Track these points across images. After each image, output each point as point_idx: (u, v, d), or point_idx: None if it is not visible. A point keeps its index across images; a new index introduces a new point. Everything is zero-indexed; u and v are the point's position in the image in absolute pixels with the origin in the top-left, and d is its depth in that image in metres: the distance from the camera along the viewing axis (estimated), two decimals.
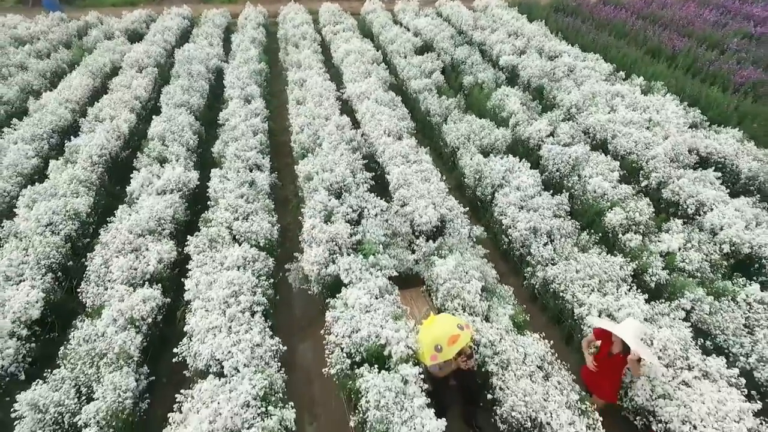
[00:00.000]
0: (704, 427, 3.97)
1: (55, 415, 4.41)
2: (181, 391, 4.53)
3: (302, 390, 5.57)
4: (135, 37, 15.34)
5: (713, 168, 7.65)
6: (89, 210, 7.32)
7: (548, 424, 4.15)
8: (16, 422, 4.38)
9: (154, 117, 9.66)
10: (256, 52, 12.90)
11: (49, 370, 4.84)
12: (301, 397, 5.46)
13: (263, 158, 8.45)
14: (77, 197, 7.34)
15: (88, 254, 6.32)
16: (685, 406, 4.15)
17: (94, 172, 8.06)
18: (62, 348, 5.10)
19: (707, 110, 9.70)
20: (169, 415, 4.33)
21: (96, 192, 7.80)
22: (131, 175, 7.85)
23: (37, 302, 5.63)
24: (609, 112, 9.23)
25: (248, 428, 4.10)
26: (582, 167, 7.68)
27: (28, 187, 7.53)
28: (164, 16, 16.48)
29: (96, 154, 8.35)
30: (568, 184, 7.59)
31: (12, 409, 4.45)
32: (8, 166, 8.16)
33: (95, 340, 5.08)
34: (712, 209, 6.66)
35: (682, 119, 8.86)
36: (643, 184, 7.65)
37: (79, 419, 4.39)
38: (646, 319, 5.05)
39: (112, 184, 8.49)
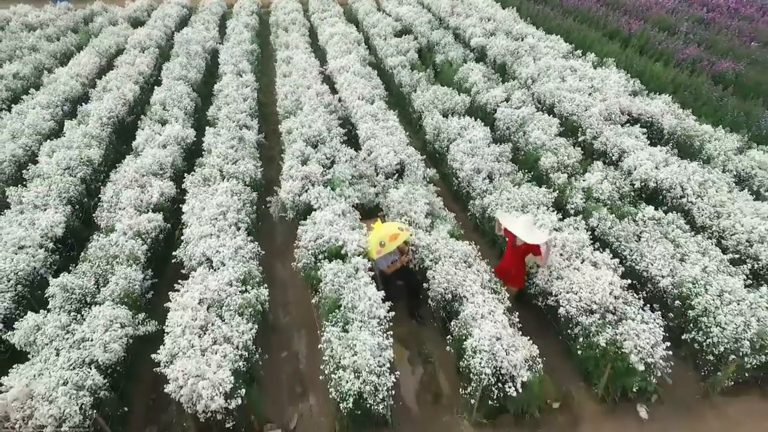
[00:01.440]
0: (580, 288, 5.17)
1: (79, 295, 5.59)
2: (179, 281, 5.71)
3: (278, 295, 6.75)
4: (137, 23, 16.53)
5: (639, 125, 8.84)
6: (100, 159, 8.51)
7: (464, 297, 5.33)
8: (50, 300, 5.54)
9: (155, 88, 10.87)
10: (248, 35, 14.11)
11: (73, 255, 6.04)
12: (276, 299, 6.65)
13: (251, 120, 9.64)
14: (90, 149, 8.53)
15: (101, 188, 7.51)
16: (570, 282, 5.34)
17: (103, 130, 9.25)
18: (82, 254, 6.29)
19: (649, 82, 10.89)
20: (169, 293, 5.51)
21: (105, 147, 8.98)
22: (136, 134, 9.04)
23: (60, 223, 6.80)
24: (560, 82, 10.41)
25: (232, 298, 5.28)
26: (527, 125, 8.87)
27: (47, 141, 8.72)
28: (164, 4, 17.68)
29: (105, 116, 9.53)
30: (515, 138, 8.79)
31: (45, 293, 5.63)
32: (28, 126, 9.33)
33: (109, 247, 6.26)
34: (630, 155, 7.85)
35: (622, 88, 10.04)
36: (580, 139, 8.85)
37: (98, 298, 5.57)
38: (555, 229, 6.24)
39: (119, 143, 9.66)
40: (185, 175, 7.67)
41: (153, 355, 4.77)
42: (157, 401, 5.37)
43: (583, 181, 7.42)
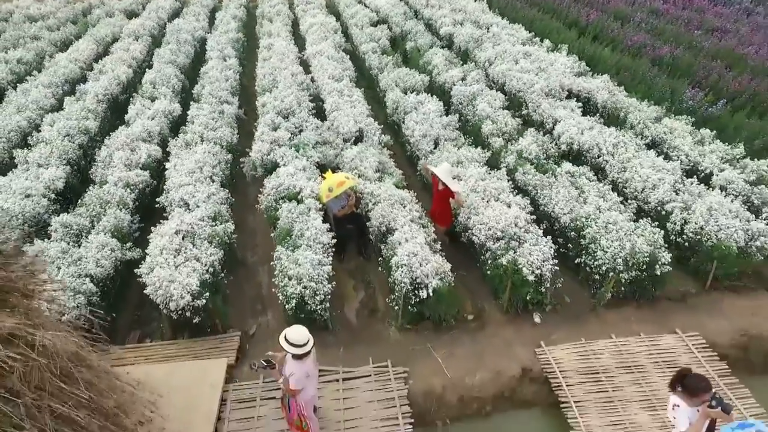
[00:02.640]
0: (489, 220, 6.27)
1: (76, 230, 6.69)
2: (161, 221, 6.80)
3: (248, 240, 7.85)
4: (132, 15, 17.63)
5: (576, 99, 9.94)
6: (96, 129, 9.62)
7: (395, 229, 6.42)
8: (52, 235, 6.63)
9: (147, 70, 11.97)
10: (235, 25, 15.23)
11: (72, 207, 7.15)
12: (245, 243, 7.75)
13: (232, 97, 10.74)
14: (87, 121, 9.63)
15: (96, 151, 8.62)
16: (484, 216, 6.44)
17: (99, 105, 10.35)
18: (79, 201, 7.39)
19: (597, 65, 11.97)
20: (152, 227, 6.61)
21: (101, 120, 10.08)
22: (128, 108, 10.14)
23: (60, 178, 7.90)
24: (513, 65, 11.49)
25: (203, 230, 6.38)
26: (476, 99, 9.96)
27: (48, 114, 9.82)
28: None
29: (101, 94, 10.64)
30: (465, 111, 9.89)
31: (48, 229, 6.73)
32: (32, 102, 10.43)
33: (102, 195, 7.35)
34: (560, 123, 8.95)
35: (568, 69, 11.13)
36: (523, 112, 9.95)
37: (92, 232, 6.67)
38: (482, 179, 7.32)
39: (113, 118, 10.75)
40: (170, 140, 8.78)
41: (136, 270, 5.88)
42: (141, 316, 6.48)
43: (517, 144, 8.52)
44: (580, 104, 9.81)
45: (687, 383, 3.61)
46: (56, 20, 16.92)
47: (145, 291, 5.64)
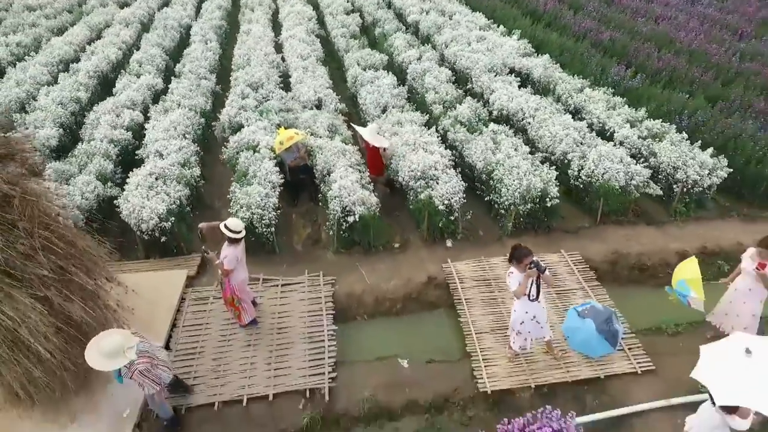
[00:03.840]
0: (411, 163, 7.48)
1: (67, 175, 7.90)
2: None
3: (215, 190, 9.04)
4: (124, 5, 18.78)
5: (516, 75, 11.17)
6: (86, 100, 10.83)
7: (333, 171, 7.63)
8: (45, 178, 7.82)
9: (134, 52, 13.18)
10: (219, 14, 16.43)
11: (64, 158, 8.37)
12: (213, 192, 8.95)
13: (210, 74, 11.95)
14: (78, 92, 10.84)
15: (86, 116, 9.83)
16: (409, 161, 7.65)
17: (90, 80, 11.56)
18: (69, 154, 8.60)
19: (544, 47, 13.17)
20: (134, 169, 7.81)
21: (91, 92, 11.29)
22: (116, 82, 11.35)
23: (54, 137, 9.11)
24: (466, 46, 12.70)
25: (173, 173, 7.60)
26: (426, 74, 11.17)
27: (44, 87, 11.03)
28: None
29: (91, 71, 11.85)
30: (416, 84, 11.11)
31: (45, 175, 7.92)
32: (30, 77, 11.63)
33: (89, 149, 8.56)
34: (495, 93, 10.17)
35: (515, 50, 12.35)
36: (468, 86, 11.17)
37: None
38: (414, 135, 8.52)
39: (103, 93, 11.95)
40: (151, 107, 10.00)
41: (115, 201, 7.09)
42: (124, 244, 7.69)
43: (455, 111, 9.73)
44: (519, 79, 11.04)
45: (515, 253, 4.84)
46: (53, 9, 18.11)
47: (121, 216, 6.85)
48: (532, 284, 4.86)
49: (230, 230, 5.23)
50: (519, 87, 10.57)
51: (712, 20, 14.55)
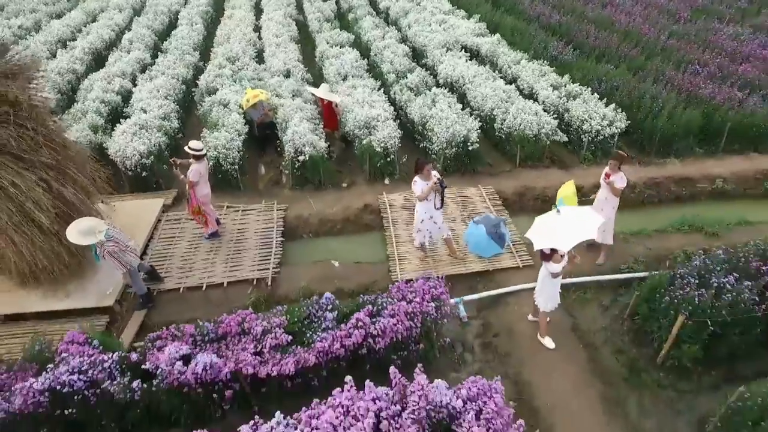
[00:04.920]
0: (356, 115, 8.81)
1: (63, 129, 9.20)
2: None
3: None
4: None
5: (466, 51, 12.52)
6: (82, 71, 12.15)
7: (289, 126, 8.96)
8: None
9: (126, 32, 14.51)
10: (206, 0, 17.75)
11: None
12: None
13: (193, 51, 13.28)
14: (75, 65, 12.17)
15: (81, 84, 11.16)
16: (356, 114, 8.99)
17: (85, 56, 12.89)
18: (66, 112, 9.93)
19: (498, 29, 14.52)
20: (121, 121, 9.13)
21: (86, 65, 12.62)
22: (108, 57, 12.68)
23: (52, 100, 10.40)
24: (426, 27, 14.05)
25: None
26: (386, 50, 12.52)
27: (44, 60, 12.35)
28: None
29: (87, 47, 13.18)
30: (376, 59, 12.45)
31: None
32: (32, 54, 12.94)
33: (83, 108, 9.88)
34: (443, 64, 11.53)
35: (470, 31, 13.71)
36: (423, 61, 12.52)
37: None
38: (373, 100, 9.85)
39: (97, 67, 13.27)
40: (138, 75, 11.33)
41: (104, 145, 8.41)
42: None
43: (406, 80, 11.08)
44: (469, 54, 12.40)
45: (416, 164, 6.19)
46: None
47: (109, 155, 8.18)
48: (436, 196, 6.22)
49: (192, 149, 6.57)
50: (468, 60, 11.94)
51: (654, 6, 15.91)
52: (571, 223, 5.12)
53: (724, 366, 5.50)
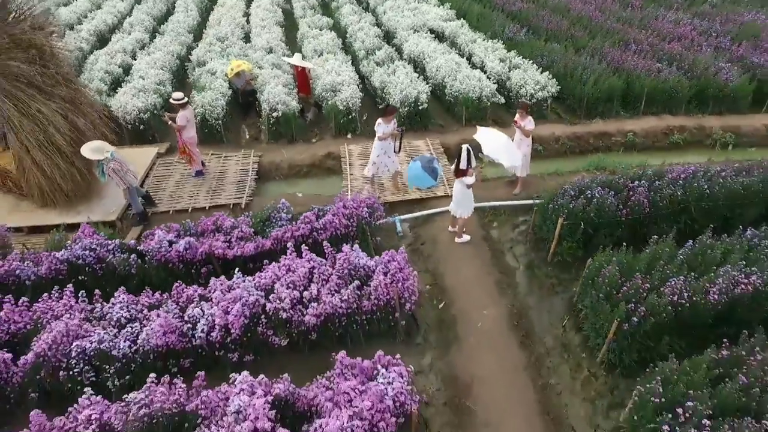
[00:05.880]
0: (328, 81, 10.27)
1: None
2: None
3: None
4: None
5: (433, 33, 14.00)
6: (88, 50, 13.64)
7: (266, 89, 10.43)
8: None
9: (127, 18, 16.01)
10: None
11: None
12: None
13: (188, 33, 14.77)
14: (81, 45, 13.65)
15: (86, 60, 12.64)
16: (324, 81, 10.45)
17: (90, 37, 14.37)
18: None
19: (466, 15, 16.00)
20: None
21: (92, 45, 14.11)
22: (111, 38, 14.17)
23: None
24: (399, 13, 15.53)
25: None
26: (359, 32, 13.99)
27: None
28: None
29: (92, 30, 14.67)
30: (350, 39, 13.93)
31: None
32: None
33: (90, 77, 11.34)
34: (408, 43, 13.00)
35: (439, 17, 15.20)
36: (393, 42, 13.99)
37: None
38: (335, 66, 11.31)
39: (100, 47, 14.76)
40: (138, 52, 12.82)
41: (108, 105, 9.88)
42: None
43: (375, 56, 12.54)
44: (434, 35, 13.88)
45: (387, 108, 7.67)
46: None
47: (112, 112, 9.64)
48: (396, 141, 7.72)
49: (175, 99, 8.03)
50: (432, 41, 13.41)
51: None
52: (507, 148, 6.83)
53: None
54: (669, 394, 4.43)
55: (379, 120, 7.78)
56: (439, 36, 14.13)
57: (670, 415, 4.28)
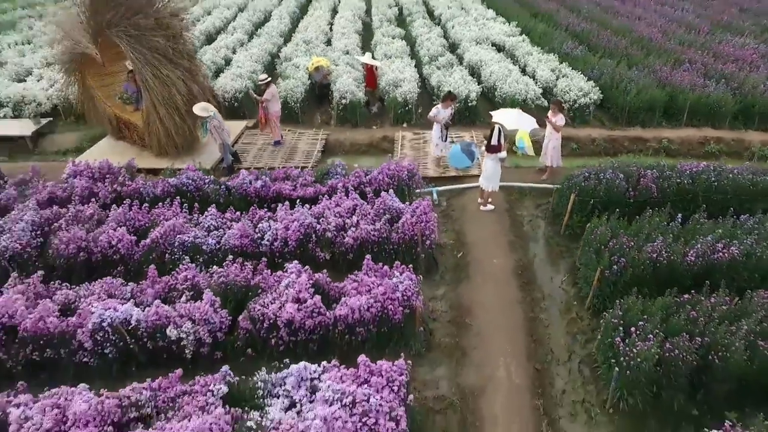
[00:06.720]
0: (390, 77, 11.89)
1: None
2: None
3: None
4: None
5: (492, 45, 15.32)
6: (198, 47, 16.31)
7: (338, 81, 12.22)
8: None
9: (230, 23, 18.77)
10: (294, 3, 21.87)
11: None
12: None
13: (279, 37, 17.13)
14: (194, 41, 16.34)
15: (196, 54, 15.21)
16: (390, 78, 12.07)
17: (201, 35, 17.11)
18: None
19: (531, 33, 17.15)
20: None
21: (201, 43, 16.81)
22: (217, 38, 16.83)
23: None
24: (466, 26, 17.00)
25: None
26: (426, 41, 15.60)
27: None
28: None
29: (203, 30, 17.44)
30: (417, 48, 15.56)
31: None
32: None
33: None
34: (469, 52, 14.40)
35: (503, 32, 16.50)
36: (456, 51, 15.47)
37: None
38: (400, 67, 12.92)
39: (208, 44, 17.47)
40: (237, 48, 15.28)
41: (212, 81, 12.11)
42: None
43: (438, 61, 14.06)
44: (496, 48, 15.20)
45: (448, 94, 9.16)
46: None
47: (215, 92, 11.83)
48: (443, 130, 9.19)
49: (260, 79, 9.98)
50: (493, 52, 14.74)
51: (679, 21, 17.79)
52: (519, 116, 8.38)
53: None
54: (626, 318, 5.39)
55: (438, 105, 9.22)
56: (499, 48, 15.41)
57: (623, 331, 5.25)
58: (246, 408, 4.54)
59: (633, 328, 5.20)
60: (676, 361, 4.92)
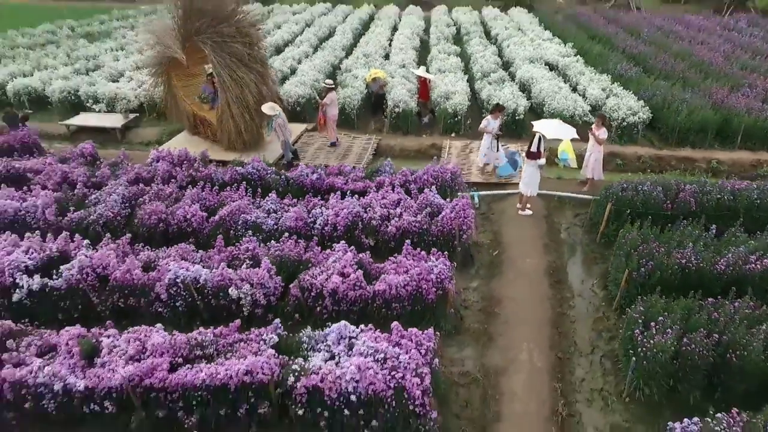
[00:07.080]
0: (442, 90, 12.56)
1: None
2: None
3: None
4: (294, 12, 26.68)
5: (545, 64, 15.69)
6: (267, 56, 17.72)
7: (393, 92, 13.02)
8: None
9: (298, 37, 20.21)
10: (357, 21, 23.15)
11: None
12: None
13: (341, 51, 18.29)
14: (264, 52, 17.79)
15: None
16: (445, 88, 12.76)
17: (270, 47, 18.57)
18: None
19: (588, 54, 17.36)
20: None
21: (270, 53, 18.25)
22: (287, 51, 18.20)
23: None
24: (521, 46, 17.47)
25: None
26: (483, 58, 16.19)
27: None
28: None
29: (272, 43, 18.92)
30: (471, 65, 16.18)
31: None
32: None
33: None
34: (521, 69, 14.85)
35: (558, 53, 16.84)
36: (510, 69, 15.96)
37: None
38: (452, 81, 13.58)
39: (276, 55, 18.91)
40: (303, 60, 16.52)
41: (278, 87, 13.27)
42: None
43: (490, 77, 14.61)
44: (548, 67, 15.58)
45: (497, 105, 9.76)
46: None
47: (280, 96, 12.95)
48: (492, 141, 9.77)
49: (326, 83, 10.91)
50: (546, 71, 15.14)
51: (743, 46, 17.42)
52: (559, 126, 8.73)
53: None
54: (648, 315, 5.67)
55: (488, 116, 9.80)
56: (552, 67, 15.76)
57: (643, 325, 5.54)
58: (292, 357, 5.24)
59: (653, 323, 5.49)
60: (692, 355, 5.16)
